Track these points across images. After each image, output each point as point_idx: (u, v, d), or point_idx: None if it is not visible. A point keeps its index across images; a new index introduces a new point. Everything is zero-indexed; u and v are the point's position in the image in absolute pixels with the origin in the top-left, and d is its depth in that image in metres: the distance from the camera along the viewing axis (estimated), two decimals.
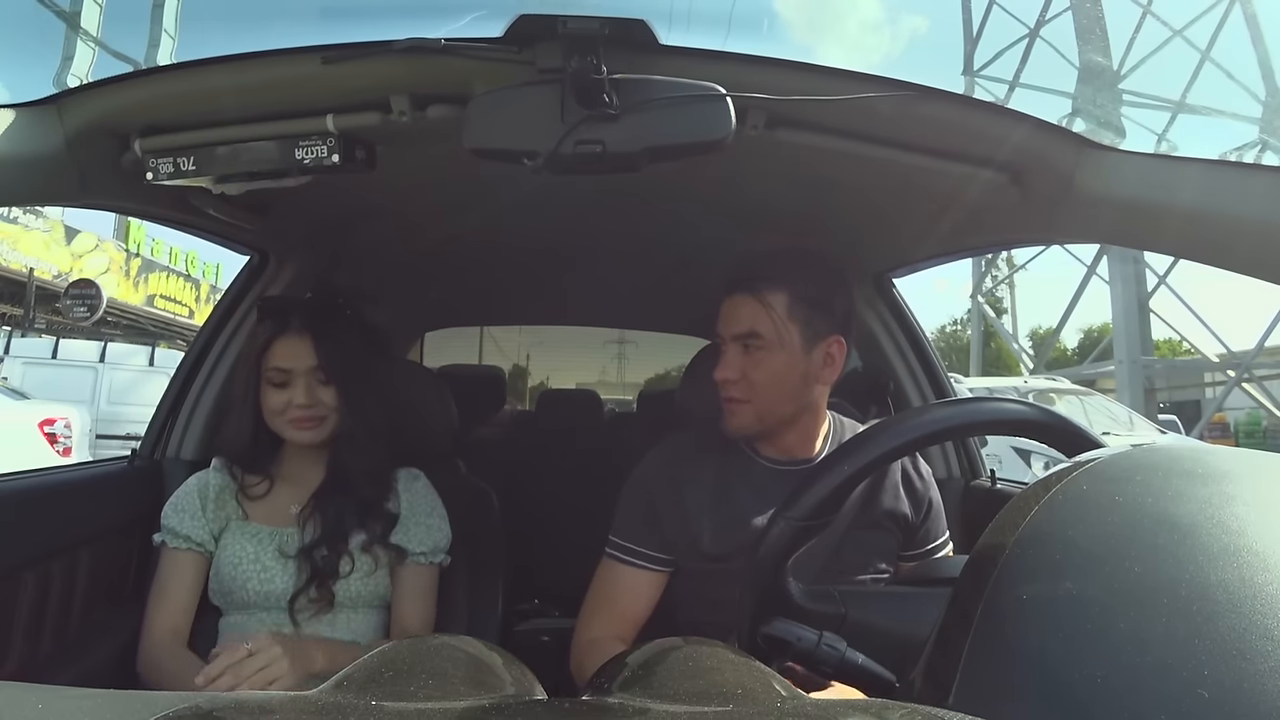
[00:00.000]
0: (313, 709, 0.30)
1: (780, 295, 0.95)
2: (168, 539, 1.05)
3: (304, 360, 1.05)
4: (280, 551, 1.04)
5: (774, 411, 0.99)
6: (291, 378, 1.04)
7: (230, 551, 1.03)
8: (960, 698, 0.30)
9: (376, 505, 1.09)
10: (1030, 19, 15.50)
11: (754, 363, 0.96)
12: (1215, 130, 12.78)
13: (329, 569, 1.03)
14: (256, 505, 1.08)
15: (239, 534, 1.05)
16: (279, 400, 1.05)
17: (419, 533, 1.11)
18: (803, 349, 0.96)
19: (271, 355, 1.04)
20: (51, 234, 10.94)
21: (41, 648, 1.01)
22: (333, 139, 0.83)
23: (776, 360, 0.96)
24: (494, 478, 1.45)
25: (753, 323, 0.95)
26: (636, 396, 3.04)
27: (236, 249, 1.34)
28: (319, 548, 1.04)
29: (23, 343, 7.58)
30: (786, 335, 0.95)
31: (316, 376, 1.06)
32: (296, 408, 1.04)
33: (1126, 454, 0.35)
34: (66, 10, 1.33)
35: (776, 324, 0.95)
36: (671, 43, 0.75)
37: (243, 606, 1.03)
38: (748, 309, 0.96)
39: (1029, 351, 19.98)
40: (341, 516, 1.07)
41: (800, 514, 0.58)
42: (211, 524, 1.05)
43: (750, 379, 0.96)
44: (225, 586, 1.03)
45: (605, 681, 0.42)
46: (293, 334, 1.05)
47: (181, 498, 1.07)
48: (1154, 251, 1.77)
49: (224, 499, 1.06)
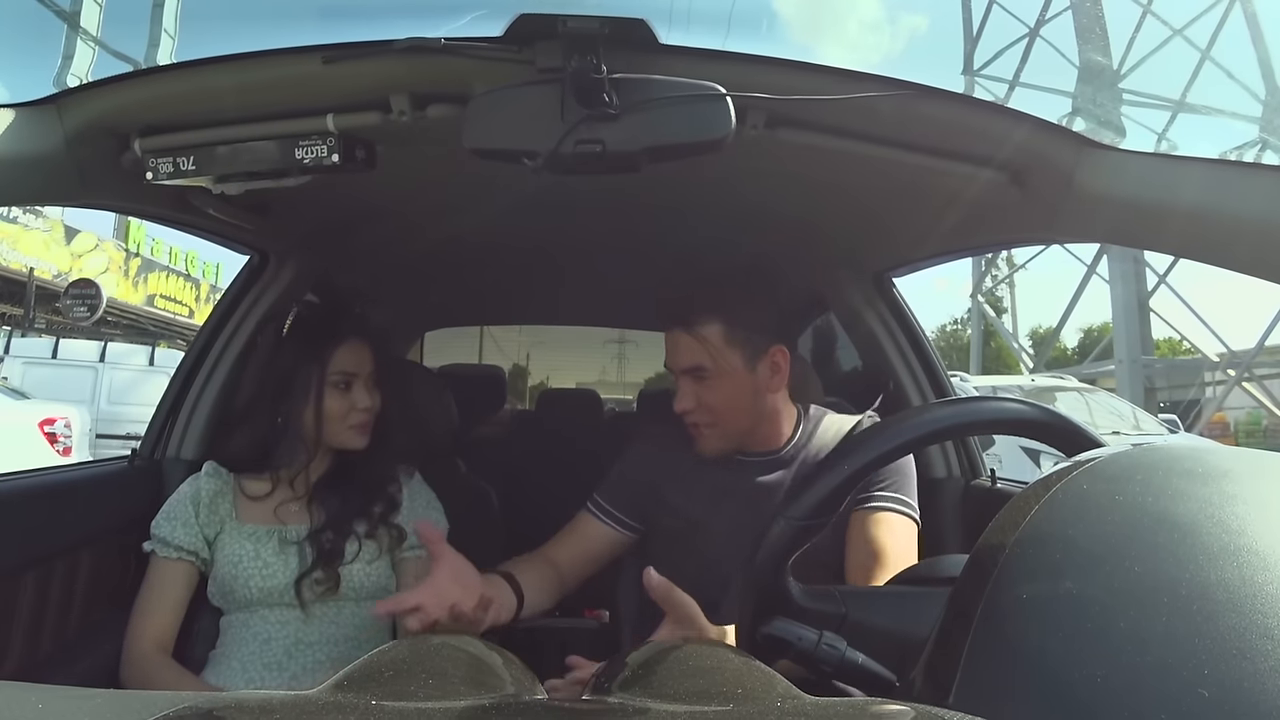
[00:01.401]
0: (313, 709, 0.30)
1: (714, 326, 0.99)
2: (158, 548, 1.04)
3: (366, 365, 1.07)
4: (281, 546, 1.04)
5: (737, 428, 1.04)
6: (353, 382, 1.06)
7: (228, 553, 1.03)
8: (960, 698, 0.30)
9: (379, 491, 1.11)
10: (1030, 18, 15.52)
11: (706, 390, 1.00)
12: (1215, 129, 12.81)
13: (335, 551, 1.04)
14: (251, 507, 1.07)
15: (235, 535, 1.04)
16: (341, 405, 1.05)
17: None
18: (746, 369, 1.00)
19: (335, 360, 1.05)
20: (51, 234, 10.93)
21: (41, 648, 1.01)
22: (333, 139, 0.83)
23: (726, 386, 1.00)
24: (494, 477, 1.46)
25: (694, 357, 1.00)
26: (636, 396, 3.04)
27: (236, 249, 1.33)
28: (324, 532, 1.04)
29: (23, 342, 7.58)
30: (728, 362, 0.99)
31: (371, 380, 1.08)
32: (361, 411, 1.06)
33: (1126, 453, 0.35)
34: (66, 10, 1.33)
35: (715, 355, 0.99)
36: (671, 42, 0.75)
37: (245, 605, 1.03)
38: (685, 345, 1.00)
39: (1029, 351, 19.98)
40: (345, 502, 1.08)
41: (800, 514, 0.58)
42: (205, 529, 1.04)
43: (707, 405, 1.01)
44: (226, 587, 1.03)
45: (605, 681, 0.42)
46: (354, 339, 1.07)
47: (174, 506, 1.05)
48: (1154, 251, 1.77)
49: (218, 503, 1.06)
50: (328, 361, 1.05)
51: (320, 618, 1.03)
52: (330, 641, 1.04)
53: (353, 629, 1.05)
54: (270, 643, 1.02)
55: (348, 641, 1.05)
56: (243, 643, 1.02)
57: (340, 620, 1.04)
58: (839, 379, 1.90)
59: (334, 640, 1.04)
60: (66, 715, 0.28)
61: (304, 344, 1.07)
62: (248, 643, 1.02)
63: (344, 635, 1.04)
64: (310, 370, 1.04)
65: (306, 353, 1.06)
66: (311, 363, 1.05)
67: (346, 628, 1.04)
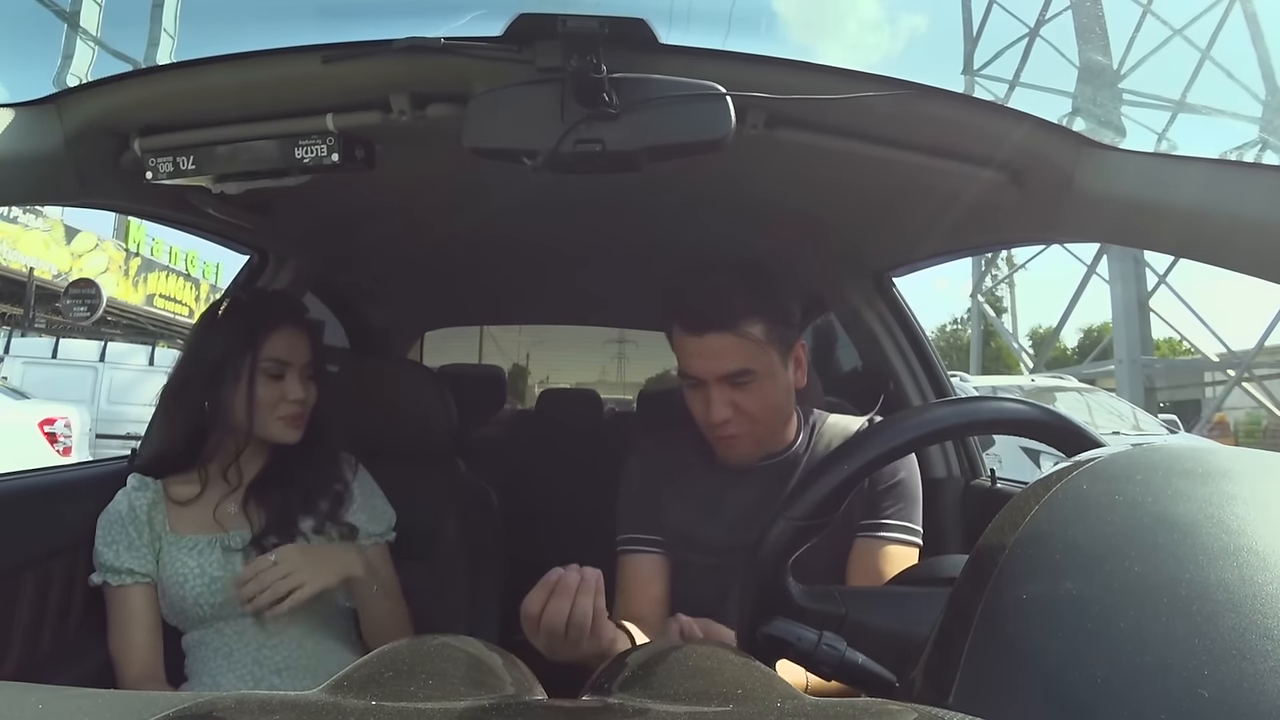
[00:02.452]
0: (312, 709, 0.30)
1: (759, 324, 0.92)
2: (109, 578, 0.98)
3: (301, 355, 1.03)
4: (225, 555, 0.99)
5: (770, 431, 0.99)
6: (286, 371, 1.01)
7: (171, 571, 0.98)
8: (960, 698, 0.30)
9: (322, 487, 1.06)
10: (1030, 18, 15.49)
11: (745, 395, 0.93)
12: (1215, 129, 12.78)
13: None
14: (184, 515, 1.01)
15: (174, 550, 0.99)
16: (272, 394, 1.00)
17: (368, 514, 1.10)
18: (783, 367, 0.95)
19: (267, 346, 1.00)
20: (51, 233, 10.93)
21: (41, 648, 1.01)
22: (332, 138, 0.83)
23: (767, 388, 0.94)
24: (494, 477, 1.45)
25: (741, 360, 0.91)
26: (636, 396, 3.04)
27: (236, 249, 1.34)
28: (267, 535, 1.00)
29: (23, 342, 7.58)
30: (771, 361, 0.93)
31: (306, 372, 1.04)
32: (292, 403, 1.01)
33: (1126, 453, 0.35)
34: (66, 10, 1.33)
35: (761, 355, 0.92)
36: (671, 42, 0.75)
37: (200, 622, 0.99)
38: (731, 348, 0.91)
39: (1029, 351, 19.99)
40: (287, 501, 1.03)
41: (800, 513, 0.58)
42: (149, 546, 0.99)
43: (746, 412, 0.93)
44: (176, 607, 0.98)
45: (605, 681, 0.42)
46: (290, 326, 1.03)
47: (109, 530, 0.99)
48: (1154, 251, 1.77)
49: (153, 517, 1.00)
50: (261, 346, 0.99)
51: (277, 620, 0.97)
52: (292, 642, 1.00)
53: (312, 623, 1.01)
54: (234, 656, 0.98)
55: (310, 636, 1.01)
56: (207, 660, 0.99)
57: (297, 618, 0.99)
58: (839, 379, 1.90)
59: (296, 639, 1.00)
60: (66, 715, 0.28)
61: (237, 328, 1.01)
62: (211, 659, 0.98)
63: (305, 631, 1.01)
64: (242, 355, 0.99)
65: (239, 337, 1.00)
66: (244, 347, 0.99)
67: (305, 624, 1.01)
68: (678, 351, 0.97)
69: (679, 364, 0.97)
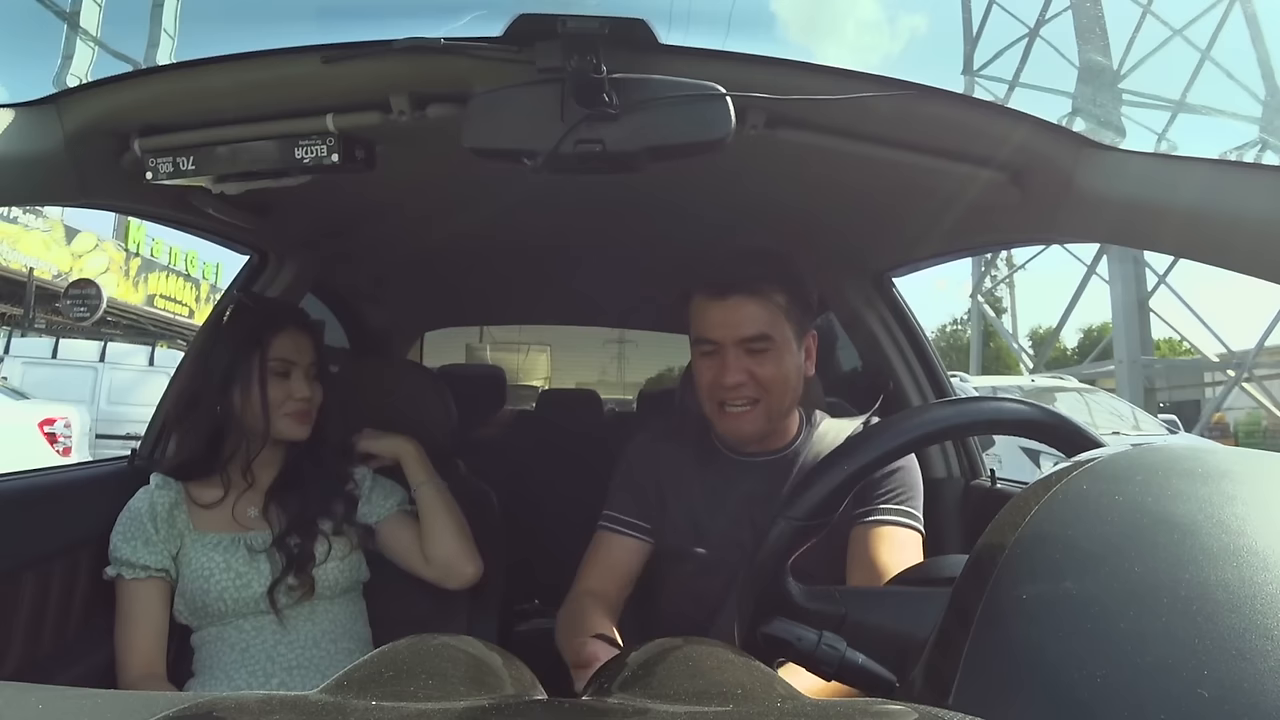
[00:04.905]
0: (313, 709, 0.30)
1: (781, 294, 0.95)
2: (124, 571, 0.99)
3: (305, 354, 1.08)
4: (250, 554, 1.02)
5: (781, 409, 0.99)
6: (292, 370, 1.06)
7: (196, 566, 1.00)
8: (960, 698, 0.30)
9: (336, 489, 1.11)
10: (1030, 19, 15.52)
11: (759, 363, 0.95)
12: (1215, 130, 12.80)
13: (305, 555, 1.03)
14: (208, 515, 1.04)
15: (200, 547, 1.01)
16: (279, 392, 1.05)
17: (380, 496, 1.15)
18: (797, 346, 0.97)
19: (273, 347, 1.05)
20: (51, 234, 10.93)
21: (41, 648, 1.01)
22: (332, 138, 0.83)
23: (781, 360, 0.96)
24: (494, 477, 1.45)
25: (759, 325, 0.94)
26: (636, 396, 3.04)
27: (236, 249, 1.33)
28: (289, 536, 1.04)
29: (23, 342, 7.59)
30: (786, 334, 0.96)
31: (311, 371, 1.08)
32: (298, 400, 1.06)
33: (1126, 453, 0.35)
34: (66, 10, 1.33)
35: (779, 324, 0.95)
36: (671, 42, 0.75)
37: (218, 618, 1.01)
38: (752, 311, 0.94)
39: (1029, 351, 19.99)
40: (305, 504, 1.07)
41: (800, 514, 0.58)
42: (166, 544, 1.01)
43: (759, 379, 0.95)
44: (197, 603, 1.00)
45: (605, 681, 0.42)
46: (294, 328, 1.08)
47: (130, 525, 1.01)
48: (1154, 251, 1.77)
49: (175, 516, 1.02)
50: (268, 347, 1.04)
51: (295, 619, 1.02)
52: (308, 641, 1.03)
53: (329, 625, 1.05)
54: (248, 651, 1.00)
55: (326, 637, 1.04)
56: (220, 655, 1.00)
57: (316, 618, 1.04)
58: (839, 379, 1.89)
59: (312, 639, 1.03)
60: (66, 715, 0.28)
61: (243, 332, 1.06)
62: (225, 654, 1.00)
63: (321, 632, 1.04)
64: (251, 357, 1.03)
65: (246, 340, 1.05)
66: (252, 349, 1.04)
67: (323, 624, 1.04)
68: (696, 319, 0.98)
69: (695, 332, 0.98)
